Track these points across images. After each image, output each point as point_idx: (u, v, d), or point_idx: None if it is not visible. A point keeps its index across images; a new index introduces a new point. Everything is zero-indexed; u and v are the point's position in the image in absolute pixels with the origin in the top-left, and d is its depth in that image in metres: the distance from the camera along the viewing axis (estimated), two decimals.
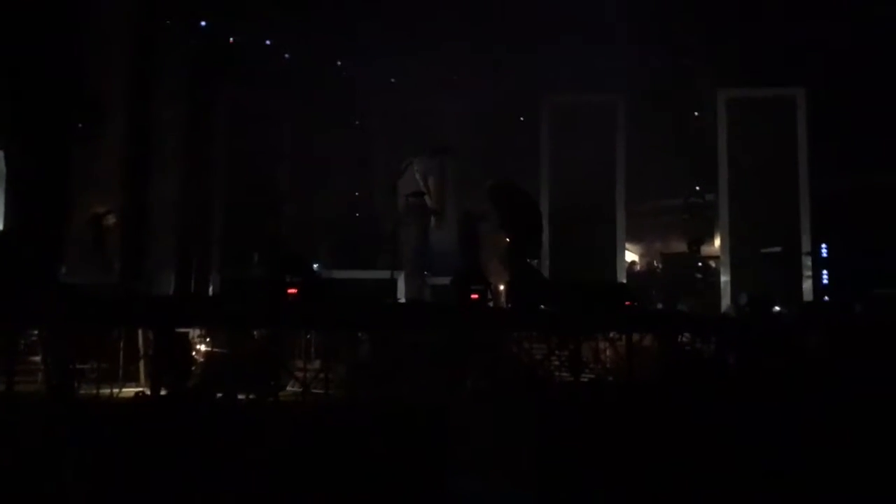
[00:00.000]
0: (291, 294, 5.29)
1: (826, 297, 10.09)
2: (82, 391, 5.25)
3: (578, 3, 10.59)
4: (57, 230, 5.21)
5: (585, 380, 7.16)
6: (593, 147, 11.58)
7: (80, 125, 5.01)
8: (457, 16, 10.61)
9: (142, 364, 6.24)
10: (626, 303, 7.29)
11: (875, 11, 10.36)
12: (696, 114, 12.12)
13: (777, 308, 9.21)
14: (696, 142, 11.72)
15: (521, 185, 10.44)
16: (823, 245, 10.26)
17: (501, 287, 8.96)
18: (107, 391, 5.57)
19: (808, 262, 10.46)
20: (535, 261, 10.91)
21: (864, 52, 10.24)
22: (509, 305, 7.85)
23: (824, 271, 10.24)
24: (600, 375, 7.32)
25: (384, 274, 8.50)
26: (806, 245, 10.60)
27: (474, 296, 6.58)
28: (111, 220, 7.92)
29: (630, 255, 12.49)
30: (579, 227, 11.32)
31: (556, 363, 7.14)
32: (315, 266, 8.23)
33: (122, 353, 6.19)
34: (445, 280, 7.60)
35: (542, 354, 7.02)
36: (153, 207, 9.15)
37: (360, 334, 6.53)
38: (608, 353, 7.72)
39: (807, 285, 10.58)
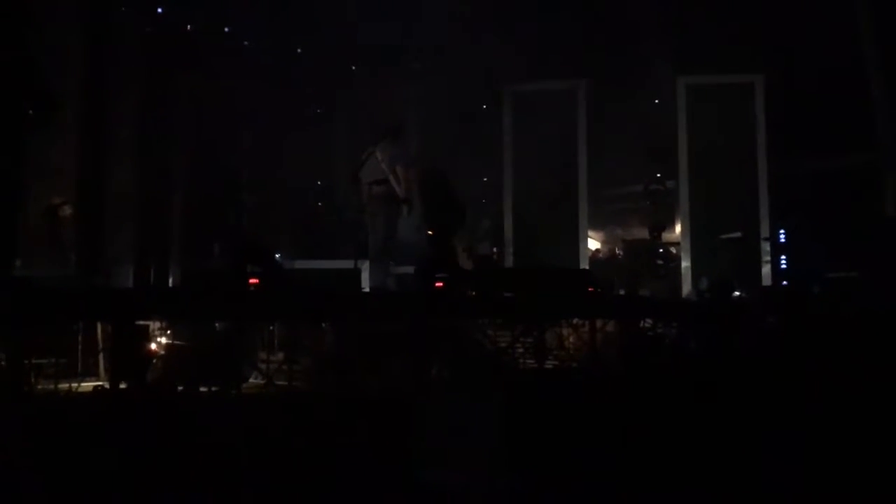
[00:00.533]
0: (253, 284, 5.23)
1: (784, 282, 10.24)
2: (40, 386, 5.15)
3: None
4: (10, 221, 5.09)
5: (549, 366, 7.20)
6: (555, 134, 11.61)
7: (31, 112, 4.88)
8: (417, 4, 10.56)
9: (101, 358, 6.14)
10: (590, 289, 7.33)
11: None
12: (655, 101, 12.21)
13: (737, 292, 9.34)
14: (657, 129, 11.81)
15: (482, 173, 10.50)
16: (781, 230, 10.41)
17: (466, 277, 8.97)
18: (65, 386, 5.47)
19: (766, 247, 10.61)
20: (495, 248, 10.97)
21: (820, 37, 10.38)
22: (473, 293, 7.85)
23: (783, 256, 10.39)
24: (564, 362, 7.37)
25: (348, 263, 8.45)
26: (764, 230, 10.75)
27: (439, 284, 6.57)
28: (67, 210, 7.78)
29: (592, 242, 12.57)
30: (542, 214, 11.36)
31: (521, 350, 7.16)
32: (277, 256, 8.14)
33: (80, 347, 6.09)
34: (410, 269, 7.59)
35: (507, 342, 7.04)
36: (110, 198, 8.99)
37: (323, 325, 6.49)
38: (571, 339, 7.77)
39: (766, 270, 10.74)
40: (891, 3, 10.38)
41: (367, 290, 8.32)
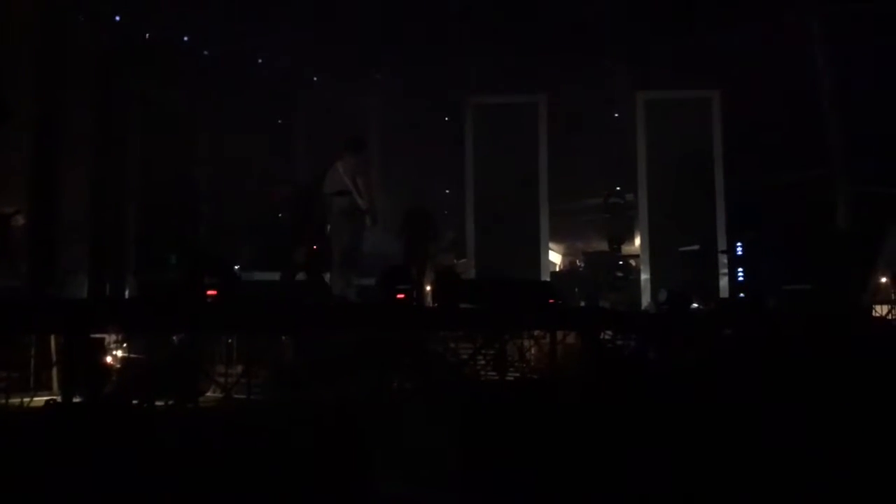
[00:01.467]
0: (211, 296, 5.15)
1: (741, 294, 10.40)
2: None
3: (502, 4, 10.67)
4: None
5: (511, 378, 7.20)
6: (516, 147, 11.69)
7: None
8: (381, 16, 10.55)
9: (54, 371, 6.00)
10: (550, 300, 7.36)
11: (785, 17, 10.74)
12: (615, 115, 12.35)
13: (695, 304, 9.46)
14: (616, 142, 11.94)
15: (444, 185, 10.52)
16: (738, 244, 10.58)
17: (428, 288, 8.97)
18: (17, 401, 5.33)
19: (723, 259, 10.77)
20: (462, 259, 10.97)
21: (775, 55, 10.60)
22: (435, 305, 7.84)
23: (739, 269, 10.55)
24: (525, 374, 7.38)
25: (306, 274, 8.38)
26: (722, 243, 10.91)
27: (400, 295, 6.54)
28: (19, 220, 7.59)
29: (553, 254, 12.65)
30: (503, 227, 11.40)
31: (482, 362, 7.16)
32: (235, 267, 8.04)
33: (32, 360, 5.94)
34: (371, 281, 7.55)
35: (468, 354, 7.03)
36: (64, 207, 8.81)
37: (282, 337, 6.41)
38: (532, 351, 7.79)
39: (723, 282, 10.89)
40: (843, 22, 10.64)
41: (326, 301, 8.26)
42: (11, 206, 7.61)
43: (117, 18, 10.00)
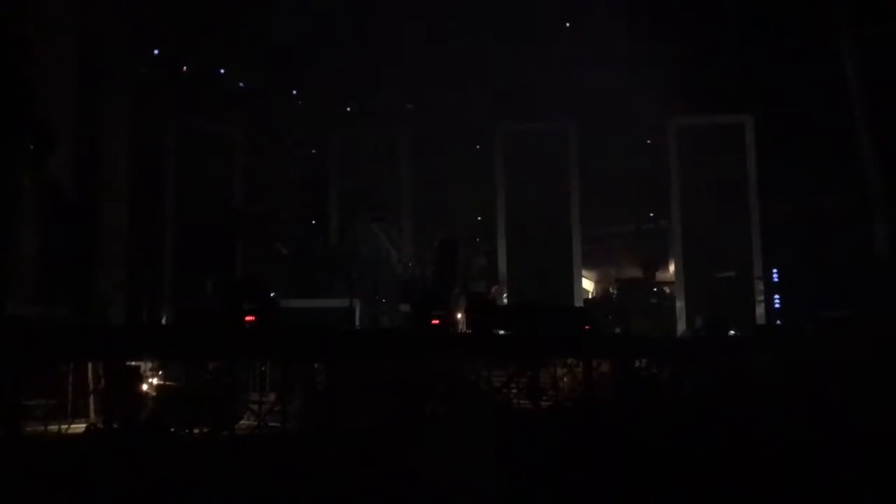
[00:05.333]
0: (249, 321, 5.18)
1: (778, 321, 10.26)
2: (29, 429, 5.06)
3: (530, 30, 10.73)
4: (2, 259, 5.03)
5: (544, 406, 7.14)
6: (547, 174, 11.69)
7: (30, 147, 4.85)
8: (411, 44, 10.67)
9: (91, 399, 6.05)
10: (586, 327, 7.31)
11: (817, 40, 10.69)
12: (647, 141, 12.30)
13: (731, 332, 9.34)
14: (649, 168, 11.89)
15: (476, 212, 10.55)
16: (775, 270, 10.45)
17: (459, 315, 8.96)
18: (55, 428, 5.37)
19: (760, 286, 10.64)
20: (492, 287, 10.96)
21: (808, 78, 10.53)
22: (468, 331, 7.82)
23: (776, 295, 10.42)
24: (558, 402, 7.31)
25: (342, 302, 8.42)
26: (757, 269, 10.79)
27: (435, 321, 6.53)
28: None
29: (586, 281, 12.58)
30: (535, 253, 11.37)
31: (515, 390, 7.11)
32: (272, 294, 8.11)
33: (70, 387, 5.99)
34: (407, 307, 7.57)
35: (502, 382, 6.99)
36: (103, 235, 8.95)
37: (315, 365, 6.42)
38: (566, 379, 7.72)
39: (759, 309, 10.75)
40: (876, 45, 10.55)
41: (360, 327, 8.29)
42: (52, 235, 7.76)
43: (156, 52, 10.23)
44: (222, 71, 11.03)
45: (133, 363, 6.09)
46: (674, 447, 5.17)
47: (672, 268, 11.64)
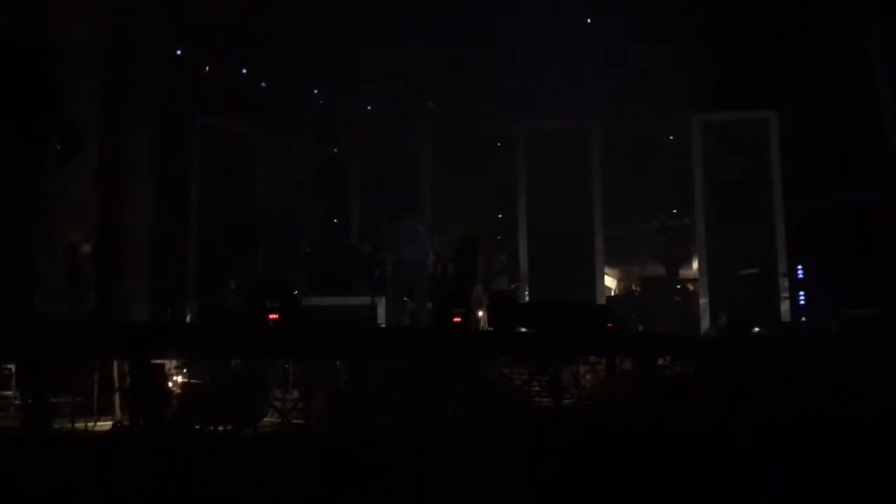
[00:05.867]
0: (272, 320, 5.21)
1: (803, 318, 10.16)
2: (56, 425, 5.13)
3: (553, 28, 10.69)
4: (31, 257, 5.10)
5: (566, 405, 7.12)
6: (569, 171, 11.65)
7: (57, 146, 4.91)
8: (433, 43, 10.67)
9: (117, 396, 6.12)
10: (608, 324, 7.27)
11: (842, 34, 10.56)
12: (670, 137, 12.22)
13: (755, 329, 9.26)
14: (672, 165, 11.81)
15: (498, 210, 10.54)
16: (799, 266, 10.35)
17: (481, 313, 8.96)
18: (81, 425, 5.44)
19: (784, 283, 10.54)
20: (514, 285, 10.95)
21: (833, 73, 10.41)
22: (490, 329, 7.82)
23: (801, 292, 10.31)
24: (580, 400, 7.29)
25: (364, 300, 8.45)
26: (782, 266, 10.68)
27: (457, 318, 6.54)
28: (86, 247, 7.81)
29: (608, 279, 12.52)
30: (558, 251, 11.34)
31: (536, 388, 7.09)
32: (295, 292, 8.16)
33: (96, 385, 6.06)
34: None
35: (523, 380, 6.98)
36: (129, 234, 9.04)
37: (337, 362, 6.45)
38: (588, 377, 7.69)
39: (784, 306, 10.65)
40: None
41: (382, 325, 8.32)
42: (79, 233, 7.84)
43: (178, 52, 10.31)
44: (244, 71, 11.08)
45: (158, 361, 6.16)
46: (695, 446, 5.14)
47: (695, 265, 11.56)
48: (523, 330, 6.99)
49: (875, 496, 4.27)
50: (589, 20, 11.16)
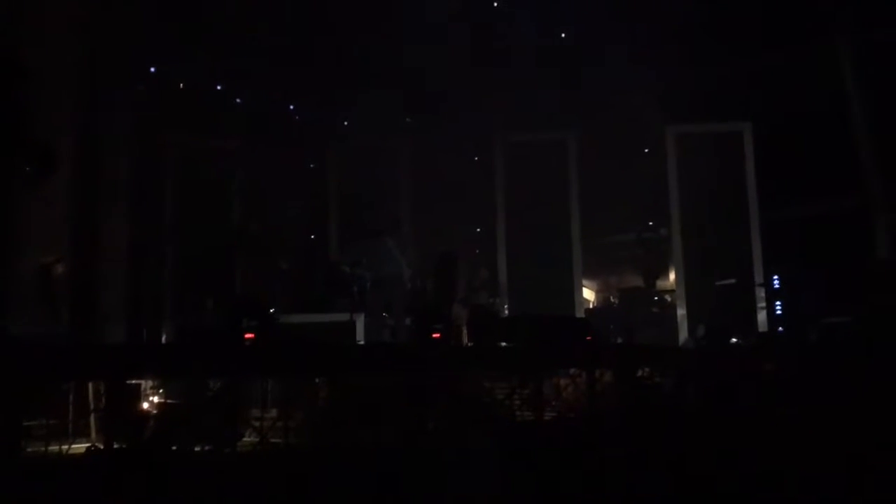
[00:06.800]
0: (249, 339, 5.16)
1: (780, 328, 10.22)
2: (30, 449, 5.03)
3: (529, 42, 10.75)
4: (2, 278, 5.03)
5: (547, 418, 7.10)
6: (547, 184, 11.69)
7: (27, 169, 4.85)
8: (409, 58, 10.68)
9: (92, 418, 6.02)
10: (588, 337, 7.28)
11: (813, 48, 10.69)
12: (646, 150, 12.31)
13: (733, 339, 9.30)
14: (648, 177, 11.88)
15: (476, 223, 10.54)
16: (775, 276, 10.42)
17: (461, 328, 8.93)
18: (56, 448, 5.34)
19: (761, 292, 10.61)
20: (493, 299, 10.94)
21: (807, 83, 10.53)
22: (470, 344, 7.80)
23: (777, 302, 10.38)
24: (562, 413, 7.28)
25: (343, 317, 8.40)
26: (758, 276, 10.76)
27: (436, 335, 6.51)
28: (59, 268, 7.71)
29: (586, 291, 12.55)
30: (536, 264, 11.36)
31: (518, 402, 7.07)
32: (272, 311, 8.09)
33: (71, 407, 5.96)
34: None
35: (504, 394, 6.95)
36: (103, 255, 8.94)
37: (316, 380, 6.39)
38: (569, 389, 7.68)
39: (761, 316, 10.72)
40: (874, 50, 10.56)
41: (361, 342, 8.27)
42: (52, 254, 7.74)
43: (152, 69, 10.24)
44: (219, 87, 11.04)
45: (134, 381, 6.08)
46: (677, 456, 5.15)
47: (673, 276, 11.62)
48: (503, 344, 6.97)
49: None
50: (565, 35, 11.24)
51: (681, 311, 11.14)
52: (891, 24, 10.27)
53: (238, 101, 11.28)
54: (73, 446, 5.54)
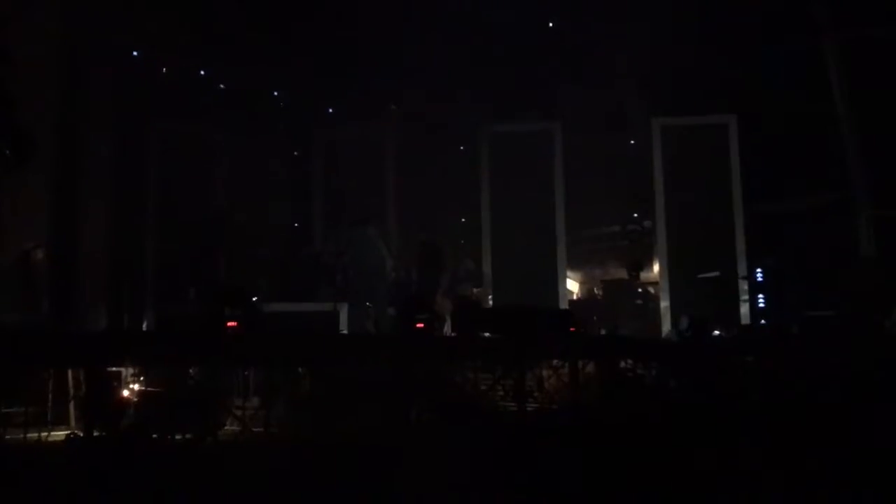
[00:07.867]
0: (231, 327, 5.13)
1: (763, 321, 10.28)
2: (8, 436, 4.99)
3: (514, 33, 10.71)
4: None
5: (530, 409, 7.11)
6: (532, 176, 11.69)
7: (7, 153, 4.78)
8: (394, 46, 10.62)
9: (71, 406, 5.98)
10: (571, 329, 7.28)
11: (799, 40, 10.72)
12: (631, 142, 12.32)
13: (716, 332, 9.34)
14: (633, 169, 11.90)
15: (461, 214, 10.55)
16: (758, 269, 10.48)
17: (444, 319, 8.92)
18: (34, 435, 5.31)
19: (744, 285, 10.67)
20: (477, 289, 10.94)
21: (792, 78, 10.56)
22: (454, 335, 7.80)
23: (760, 295, 10.44)
24: (544, 404, 7.29)
25: (326, 306, 8.37)
26: (742, 269, 10.81)
27: (420, 325, 6.50)
28: (40, 255, 7.64)
29: (570, 283, 12.58)
30: (521, 255, 11.36)
31: (501, 393, 7.08)
32: (255, 299, 8.05)
33: (50, 394, 5.92)
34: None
35: (488, 385, 6.96)
36: (84, 241, 8.85)
37: (299, 369, 6.37)
38: (552, 380, 7.70)
39: (744, 309, 10.77)
40: (859, 44, 10.60)
41: (345, 332, 8.25)
42: (32, 240, 7.67)
43: (135, 53, 10.12)
44: (202, 72, 10.93)
45: (114, 369, 6.03)
46: (659, 447, 5.15)
47: (657, 268, 11.66)
48: (487, 335, 6.96)
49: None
50: (550, 25, 11.21)
51: (664, 303, 11.18)
52: (877, 20, 10.31)
53: (221, 86, 11.17)
54: (53, 433, 5.51)
